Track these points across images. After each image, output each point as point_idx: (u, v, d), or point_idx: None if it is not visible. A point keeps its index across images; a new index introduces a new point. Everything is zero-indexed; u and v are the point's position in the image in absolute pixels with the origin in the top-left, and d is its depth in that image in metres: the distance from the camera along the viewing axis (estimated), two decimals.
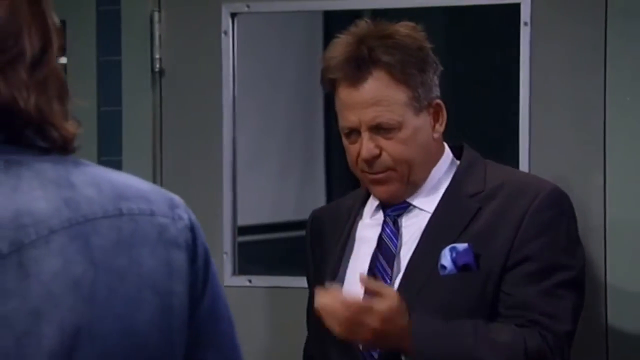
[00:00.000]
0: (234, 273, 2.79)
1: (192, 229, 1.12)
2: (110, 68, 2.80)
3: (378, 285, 1.94)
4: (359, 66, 1.99)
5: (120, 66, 2.81)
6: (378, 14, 3.01)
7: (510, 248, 1.95)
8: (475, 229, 1.98)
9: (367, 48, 2.00)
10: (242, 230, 2.85)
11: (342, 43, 2.03)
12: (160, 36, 2.82)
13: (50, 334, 1.02)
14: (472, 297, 1.95)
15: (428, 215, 2.03)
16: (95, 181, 1.08)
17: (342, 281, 2.06)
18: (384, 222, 2.06)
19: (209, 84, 2.81)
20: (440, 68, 2.07)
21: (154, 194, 1.11)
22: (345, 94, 2.02)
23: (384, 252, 2.04)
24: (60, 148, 1.08)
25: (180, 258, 1.10)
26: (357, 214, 2.12)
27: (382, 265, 2.03)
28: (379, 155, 2.01)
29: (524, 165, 2.59)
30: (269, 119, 3.07)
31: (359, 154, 2.02)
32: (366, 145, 2.00)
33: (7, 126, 1.06)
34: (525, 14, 2.58)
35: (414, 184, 2.05)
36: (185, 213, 1.12)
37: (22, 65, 1.06)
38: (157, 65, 2.83)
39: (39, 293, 1.02)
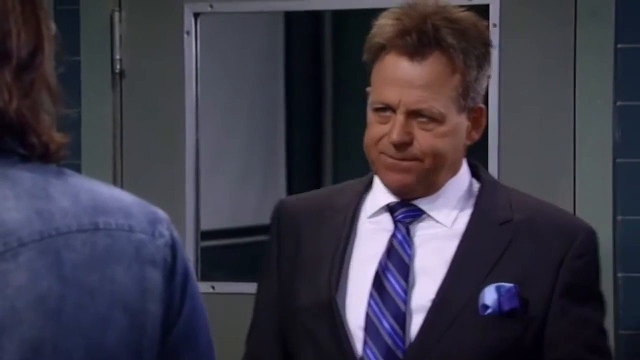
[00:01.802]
0: (196, 279, 2.74)
1: (172, 246, 1.09)
2: (69, 69, 2.74)
3: None
4: (421, 41, 1.80)
5: (79, 67, 2.76)
6: (339, 15, 2.99)
7: (549, 297, 1.83)
8: (511, 265, 1.83)
9: (433, 25, 1.81)
10: (204, 235, 2.81)
11: (401, 12, 1.83)
12: (120, 36, 2.78)
13: (10, 349, 1.00)
14: (509, 342, 1.82)
15: (444, 230, 1.87)
16: (74, 192, 1.06)
17: (343, 286, 1.88)
18: (395, 227, 1.87)
19: (171, 85, 2.77)
20: (490, 74, 1.93)
21: (135, 209, 1.08)
22: (392, 66, 1.82)
23: (394, 260, 1.86)
24: (41, 156, 1.05)
25: (155, 277, 1.07)
26: (357, 212, 1.92)
27: (393, 276, 1.85)
28: (410, 143, 1.82)
29: (493, 168, 2.57)
30: (231, 121, 3.04)
31: (384, 135, 1.83)
32: (399, 129, 1.81)
33: None
34: (494, 15, 2.57)
35: (430, 186, 1.86)
36: (167, 230, 1.09)
37: (8, 67, 1.04)
38: (118, 66, 2.78)
39: (2, 307, 1.00)
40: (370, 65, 1.87)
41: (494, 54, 2.55)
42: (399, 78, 1.82)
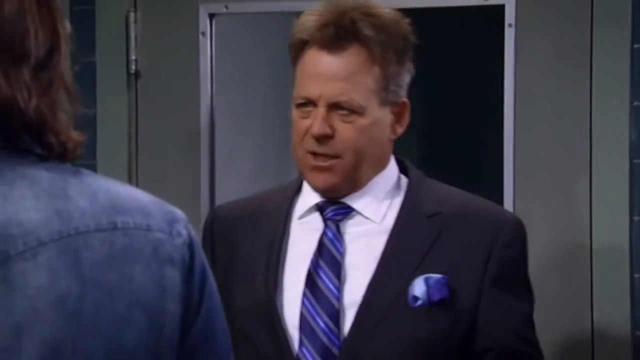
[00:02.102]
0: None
1: (190, 245, 1.09)
2: (85, 69, 2.74)
3: None
4: (338, 34, 1.83)
5: (94, 67, 2.76)
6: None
7: (479, 288, 1.84)
8: (440, 256, 1.84)
9: (350, 19, 1.84)
10: None
11: (322, 9, 1.87)
12: (136, 37, 2.78)
13: (29, 349, 1.00)
14: (440, 332, 1.83)
15: (374, 226, 1.88)
16: (92, 192, 1.05)
17: (279, 288, 1.89)
18: (325, 225, 1.88)
19: (186, 86, 2.77)
20: (413, 72, 1.94)
21: (153, 208, 1.08)
22: (312, 60, 1.85)
23: (326, 259, 1.87)
24: (59, 156, 1.05)
25: (173, 276, 1.07)
26: (288, 214, 1.93)
27: (325, 274, 1.86)
28: (332, 136, 1.84)
29: (508, 169, 2.57)
30: (245, 121, 3.04)
31: (307, 130, 1.84)
32: (320, 122, 1.82)
33: (5, 128, 1.04)
34: (509, 16, 2.55)
35: (356, 182, 1.87)
36: (184, 229, 1.09)
37: (26, 66, 1.05)
38: (133, 67, 2.78)
39: (23, 308, 1.00)
40: (294, 64, 1.89)
41: (510, 54, 2.56)
42: (319, 72, 1.85)
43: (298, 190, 1.95)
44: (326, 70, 1.84)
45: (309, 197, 1.92)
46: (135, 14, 2.78)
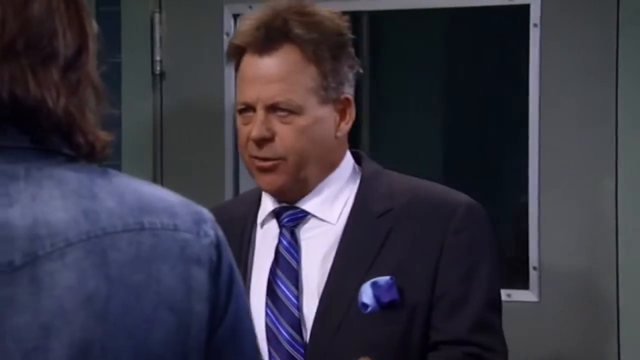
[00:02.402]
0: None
1: (217, 246, 1.09)
2: (110, 70, 2.75)
3: None
4: (269, 35, 1.82)
5: (120, 68, 2.77)
6: (378, 16, 2.98)
7: (433, 279, 1.81)
8: (390, 256, 1.81)
9: (282, 20, 1.82)
10: None
11: (256, 13, 1.86)
12: (160, 38, 2.78)
13: (58, 350, 1.00)
14: (397, 334, 1.80)
15: (330, 227, 1.86)
16: (119, 192, 1.05)
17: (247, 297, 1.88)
18: (280, 233, 1.87)
19: (211, 86, 2.77)
20: (359, 68, 1.89)
21: (180, 208, 1.07)
22: (248, 65, 1.84)
23: (283, 267, 1.85)
24: (87, 156, 1.05)
25: (201, 276, 1.07)
26: (254, 221, 1.91)
27: (283, 283, 1.85)
28: (271, 139, 1.82)
29: (533, 169, 2.55)
30: None
31: (249, 136, 1.83)
32: (258, 125, 1.81)
33: (34, 129, 1.04)
34: (535, 15, 2.54)
35: (304, 183, 1.85)
36: (212, 229, 1.09)
37: (55, 66, 1.05)
38: (158, 68, 2.79)
39: (51, 308, 1.00)
40: (236, 71, 1.88)
41: (535, 54, 2.55)
42: (255, 75, 1.83)
43: (259, 197, 1.93)
44: (260, 73, 1.83)
45: (267, 203, 1.91)
46: (160, 14, 2.79)
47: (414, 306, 1.81)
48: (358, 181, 1.89)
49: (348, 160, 1.90)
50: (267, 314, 1.84)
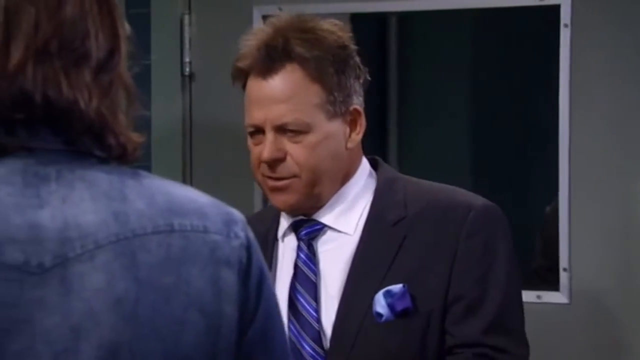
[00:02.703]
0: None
1: (247, 247, 1.09)
2: (140, 72, 2.76)
3: None
4: (270, 56, 1.82)
5: (149, 70, 2.78)
6: (406, 17, 2.98)
7: (447, 284, 1.80)
8: (404, 264, 1.81)
9: (283, 39, 1.82)
10: None
11: (258, 32, 1.86)
12: (190, 39, 2.79)
13: (88, 352, 1.00)
14: (413, 342, 1.80)
15: (347, 238, 1.85)
16: (149, 194, 1.05)
17: None
18: (298, 246, 1.87)
19: (240, 88, 2.77)
20: (366, 76, 1.87)
21: (210, 210, 1.07)
22: (253, 87, 1.85)
23: (302, 281, 1.86)
24: (119, 157, 1.05)
25: (230, 278, 1.06)
26: (275, 236, 1.92)
27: (302, 296, 1.85)
28: (283, 159, 1.82)
29: (564, 171, 2.54)
30: None
31: (261, 157, 1.83)
32: (269, 147, 1.81)
33: (66, 130, 1.04)
34: (565, 16, 2.53)
35: (318, 198, 1.85)
36: (242, 231, 1.09)
37: (87, 68, 1.05)
38: (187, 69, 2.80)
39: (80, 310, 1.00)
40: (244, 92, 1.89)
41: (565, 54, 2.53)
42: (261, 97, 1.84)
43: (279, 213, 1.93)
44: (266, 95, 1.83)
45: (285, 217, 1.92)
46: (189, 16, 2.80)
47: (428, 313, 1.80)
48: (373, 190, 1.89)
49: (364, 168, 1.90)
50: (289, 328, 1.84)
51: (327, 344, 1.83)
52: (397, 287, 1.80)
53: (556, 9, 2.53)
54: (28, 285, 0.99)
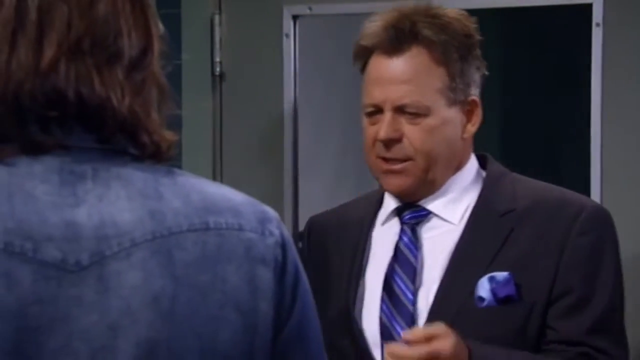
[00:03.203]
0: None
1: (283, 245, 1.09)
2: (170, 72, 2.77)
3: (428, 331, 1.73)
4: (397, 37, 1.81)
5: (180, 70, 2.79)
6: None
7: (553, 278, 1.79)
8: (511, 254, 1.81)
9: (410, 22, 1.82)
10: (301, 236, 2.81)
11: (383, 14, 1.86)
12: (220, 39, 2.80)
13: (125, 349, 1.00)
14: (512, 331, 1.79)
15: (451, 227, 1.85)
16: (184, 192, 1.06)
17: (360, 296, 1.88)
18: (401, 229, 1.87)
19: (270, 87, 2.78)
20: (485, 70, 1.89)
21: (245, 207, 1.08)
22: (376, 66, 1.84)
23: (402, 263, 1.85)
24: (153, 155, 1.05)
25: (266, 275, 1.06)
26: (372, 221, 1.92)
27: (400, 278, 1.85)
28: (399, 140, 1.82)
29: (595, 169, 2.53)
30: (329, 122, 3.04)
31: (376, 137, 1.83)
32: (386, 126, 1.81)
33: (99, 128, 1.04)
34: (597, 15, 2.52)
35: (431, 184, 1.85)
36: (277, 229, 1.09)
37: (120, 66, 1.05)
38: (218, 69, 2.81)
39: (118, 307, 1.01)
40: (362, 72, 1.88)
41: (597, 53, 2.52)
42: (382, 77, 1.83)
43: (381, 198, 1.94)
44: (389, 74, 1.82)
45: (390, 202, 1.91)
46: (220, 16, 2.81)
47: (531, 304, 1.80)
48: (481, 183, 1.90)
49: (473, 162, 1.91)
50: (382, 309, 1.84)
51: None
52: (502, 274, 1.80)
53: (588, 8, 2.52)
54: (66, 283, 1.00)
